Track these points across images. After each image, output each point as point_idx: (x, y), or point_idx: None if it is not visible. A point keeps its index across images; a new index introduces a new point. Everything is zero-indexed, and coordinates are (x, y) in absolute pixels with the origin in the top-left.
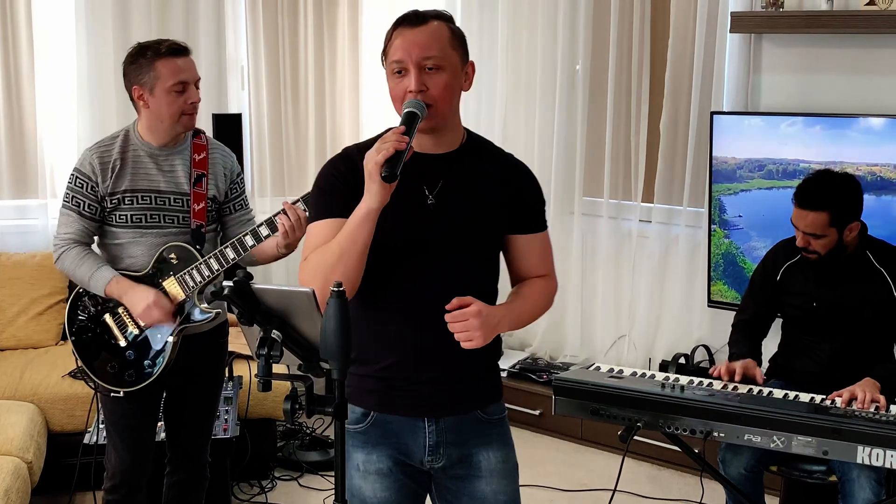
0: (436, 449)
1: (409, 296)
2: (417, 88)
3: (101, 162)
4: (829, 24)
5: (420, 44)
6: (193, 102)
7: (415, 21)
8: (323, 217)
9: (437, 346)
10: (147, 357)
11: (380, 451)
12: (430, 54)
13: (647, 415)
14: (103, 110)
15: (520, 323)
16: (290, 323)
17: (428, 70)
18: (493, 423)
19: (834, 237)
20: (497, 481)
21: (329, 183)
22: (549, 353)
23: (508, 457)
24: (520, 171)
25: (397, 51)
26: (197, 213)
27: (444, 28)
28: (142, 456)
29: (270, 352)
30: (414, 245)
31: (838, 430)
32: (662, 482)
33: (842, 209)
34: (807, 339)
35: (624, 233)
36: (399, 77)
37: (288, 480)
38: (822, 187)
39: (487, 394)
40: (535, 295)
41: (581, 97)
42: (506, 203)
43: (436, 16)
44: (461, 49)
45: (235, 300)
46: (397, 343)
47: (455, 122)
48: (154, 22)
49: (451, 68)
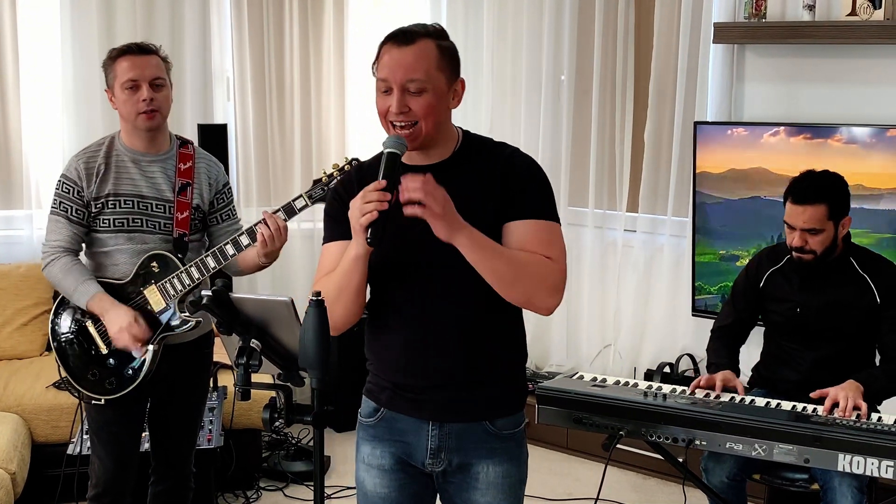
0: (437, 453)
1: (411, 310)
2: (398, 110)
3: (87, 167)
4: (812, 35)
5: (404, 66)
6: (145, 100)
7: (402, 40)
8: (330, 240)
9: (441, 356)
10: (128, 365)
11: (384, 448)
12: (414, 77)
13: (629, 423)
14: (89, 121)
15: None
16: (270, 332)
17: (411, 92)
18: (502, 437)
19: (831, 232)
20: (493, 494)
21: (333, 210)
22: (534, 363)
23: (510, 472)
24: (517, 161)
25: (383, 69)
26: (180, 222)
27: (431, 48)
28: (125, 465)
29: (249, 361)
30: (411, 260)
31: (819, 438)
32: (646, 491)
33: (838, 201)
34: (789, 348)
35: (609, 242)
36: (385, 95)
37: (273, 491)
38: (816, 182)
39: (499, 404)
40: (526, 255)
41: (566, 107)
42: (501, 198)
43: (425, 33)
44: (449, 69)
45: (214, 310)
46: (401, 352)
47: (445, 135)
48: (139, 33)
49: (436, 90)
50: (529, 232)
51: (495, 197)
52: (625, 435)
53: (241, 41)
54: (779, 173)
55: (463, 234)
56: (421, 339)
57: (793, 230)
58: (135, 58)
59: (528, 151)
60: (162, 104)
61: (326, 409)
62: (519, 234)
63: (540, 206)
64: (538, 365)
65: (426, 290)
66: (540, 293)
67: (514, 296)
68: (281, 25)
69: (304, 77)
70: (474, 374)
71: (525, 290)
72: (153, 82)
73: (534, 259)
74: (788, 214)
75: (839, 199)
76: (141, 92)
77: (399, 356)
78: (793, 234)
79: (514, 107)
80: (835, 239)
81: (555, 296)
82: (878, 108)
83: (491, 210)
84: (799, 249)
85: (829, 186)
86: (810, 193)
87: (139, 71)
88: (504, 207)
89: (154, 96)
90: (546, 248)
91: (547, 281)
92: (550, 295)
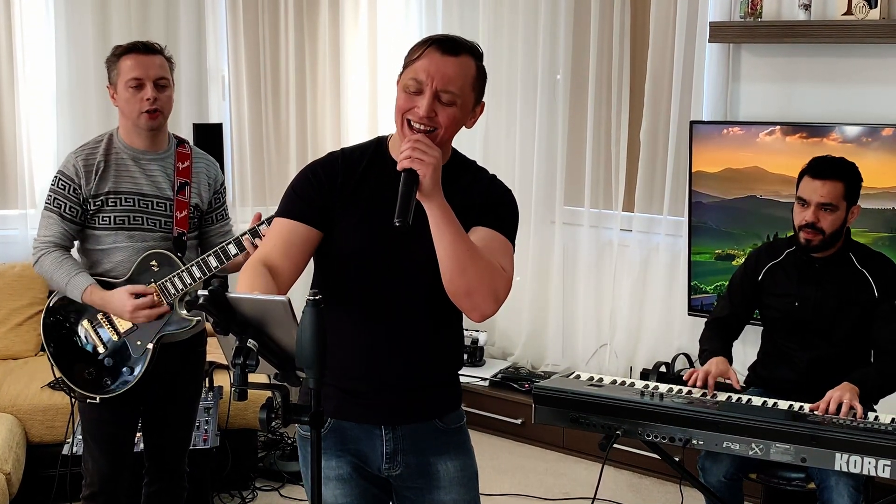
0: (393, 457)
1: (366, 308)
2: (427, 114)
3: (86, 164)
4: (807, 34)
5: (446, 75)
6: (149, 99)
7: (448, 48)
8: (283, 216)
9: (392, 357)
10: (125, 364)
11: (339, 458)
12: (451, 88)
13: (626, 423)
14: (83, 120)
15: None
16: (266, 332)
17: (441, 101)
18: (451, 432)
19: (842, 214)
20: (456, 490)
21: (301, 184)
22: (530, 362)
23: (466, 465)
24: (496, 187)
25: (422, 71)
26: (179, 221)
27: (472, 66)
28: (119, 464)
29: (246, 361)
30: (380, 263)
31: (816, 438)
32: (643, 490)
33: (854, 184)
34: (787, 347)
35: (605, 242)
36: (412, 95)
37: (269, 491)
38: (835, 161)
39: (446, 403)
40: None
41: (562, 107)
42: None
43: (470, 50)
44: (479, 90)
45: (211, 309)
46: (353, 353)
47: (446, 149)
48: (134, 32)
49: (464, 106)
50: (489, 238)
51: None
52: (621, 434)
53: (236, 40)
54: (775, 172)
55: (440, 199)
56: (373, 346)
57: (806, 206)
58: (140, 56)
59: (525, 152)
60: (164, 104)
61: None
62: (479, 237)
63: (505, 225)
64: (534, 365)
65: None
66: (483, 290)
67: (460, 283)
68: (276, 24)
69: (299, 76)
70: (424, 376)
71: (472, 280)
72: (157, 82)
73: (490, 259)
74: (804, 190)
75: (855, 182)
76: (145, 91)
77: (350, 363)
78: (805, 211)
79: (510, 106)
80: (843, 224)
81: (495, 302)
82: (874, 107)
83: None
84: (809, 227)
85: (847, 168)
86: (830, 169)
87: (143, 70)
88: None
89: (157, 96)
90: (500, 258)
91: (494, 282)
92: (492, 298)
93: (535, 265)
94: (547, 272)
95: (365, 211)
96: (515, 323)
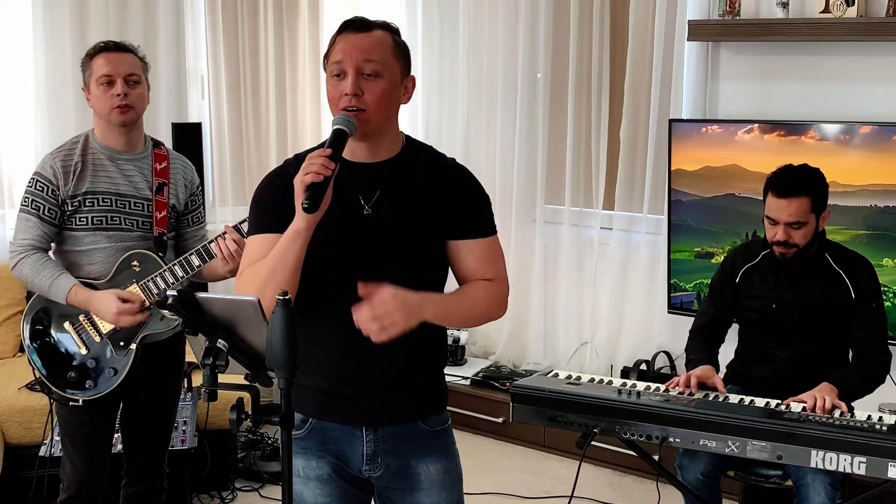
0: (373, 458)
1: (345, 307)
2: (353, 91)
3: (63, 165)
4: (785, 32)
5: (362, 48)
6: (119, 95)
7: (360, 27)
8: (257, 232)
9: (373, 357)
10: (108, 365)
11: (319, 458)
12: (371, 58)
13: (603, 421)
14: (61, 120)
15: (451, 314)
16: (236, 332)
17: (367, 76)
18: (434, 435)
19: (813, 225)
20: (437, 493)
21: (264, 199)
22: (512, 361)
23: (449, 468)
24: (459, 175)
25: (338, 52)
26: (159, 221)
27: (388, 37)
28: (98, 467)
29: (216, 361)
30: (349, 257)
31: (792, 435)
32: (623, 488)
33: (819, 193)
34: (764, 345)
35: (585, 240)
36: (337, 80)
37: (249, 491)
38: (797, 175)
39: (428, 405)
40: (475, 293)
41: (542, 105)
42: (445, 210)
43: (382, 25)
44: (403, 61)
45: (180, 310)
46: (334, 354)
47: (392, 132)
48: (112, 31)
49: (391, 77)
50: (477, 254)
51: (439, 208)
52: (599, 433)
53: (215, 39)
54: (753, 170)
55: (424, 314)
56: (354, 346)
57: (775, 224)
58: (110, 54)
59: (505, 150)
60: (136, 101)
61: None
62: (466, 253)
63: (484, 223)
64: (515, 364)
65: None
66: (490, 317)
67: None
68: (255, 23)
69: (279, 75)
70: (406, 378)
71: (478, 321)
72: (128, 78)
73: (481, 295)
74: (770, 209)
75: (821, 191)
76: (115, 87)
77: (330, 364)
78: (775, 229)
79: (491, 105)
80: (815, 232)
81: (501, 311)
82: (852, 105)
83: (435, 220)
84: (782, 244)
85: (810, 179)
86: (794, 186)
87: (114, 66)
88: (450, 223)
89: (128, 91)
90: (492, 267)
91: (494, 306)
92: (498, 313)
93: (516, 264)
94: (528, 271)
95: (327, 212)
96: (497, 322)
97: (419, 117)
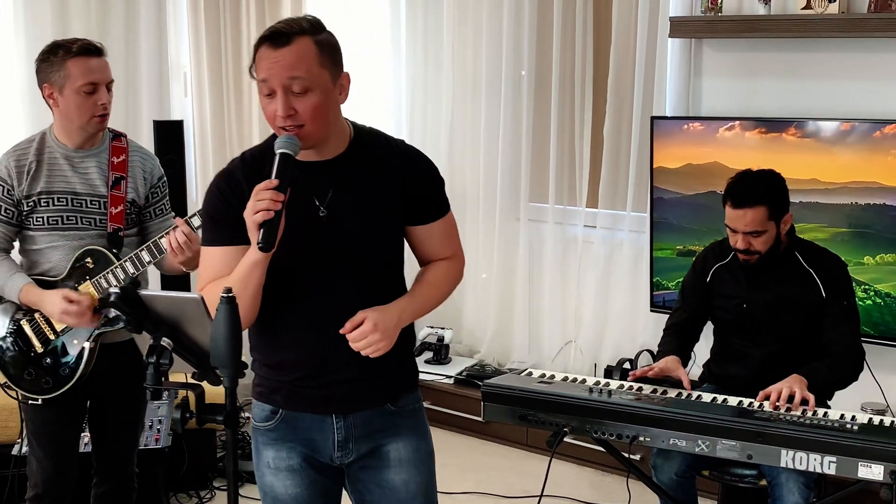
0: (345, 444)
1: (311, 308)
2: (285, 113)
3: (18, 165)
4: (767, 29)
5: (284, 65)
6: (103, 104)
7: (277, 41)
8: (210, 244)
9: (342, 354)
10: (64, 363)
11: (289, 448)
12: (296, 74)
13: (574, 420)
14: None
15: (425, 309)
16: (182, 330)
17: (296, 94)
18: (404, 415)
19: (773, 232)
20: (407, 470)
21: (213, 207)
22: (496, 360)
23: (419, 446)
24: (412, 159)
25: (263, 71)
26: (114, 217)
27: (309, 46)
28: (65, 465)
29: (160, 360)
30: (310, 259)
31: (762, 434)
32: (603, 487)
33: (777, 200)
34: (738, 345)
35: (569, 238)
36: (269, 99)
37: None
38: (752, 183)
39: (398, 386)
40: (438, 279)
41: (526, 103)
42: (402, 198)
43: (300, 31)
44: (332, 63)
45: (122, 307)
46: (303, 353)
47: (336, 130)
48: (94, 29)
49: (321, 87)
50: (436, 235)
51: (396, 196)
52: (569, 432)
53: (197, 35)
54: (734, 168)
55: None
56: (321, 338)
57: (735, 233)
58: (92, 60)
59: (489, 147)
60: (109, 105)
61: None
62: (426, 236)
63: (441, 204)
64: (500, 362)
65: (325, 288)
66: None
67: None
68: (238, 19)
69: None
70: (375, 368)
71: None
72: (108, 85)
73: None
74: (729, 218)
75: (778, 198)
76: (99, 95)
77: (298, 361)
78: (735, 237)
79: (475, 103)
80: (777, 237)
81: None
82: (834, 101)
83: (392, 210)
84: (744, 251)
85: (766, 187)
86: (748, 196)
87: (99, 74)
88: (408, 210)
89: (109, 99)
90: (450, 244)
91: (455, 281)
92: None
93: (500, 262)
94: (512, 269)
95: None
96: (481, 320)
97: (403, 115)
